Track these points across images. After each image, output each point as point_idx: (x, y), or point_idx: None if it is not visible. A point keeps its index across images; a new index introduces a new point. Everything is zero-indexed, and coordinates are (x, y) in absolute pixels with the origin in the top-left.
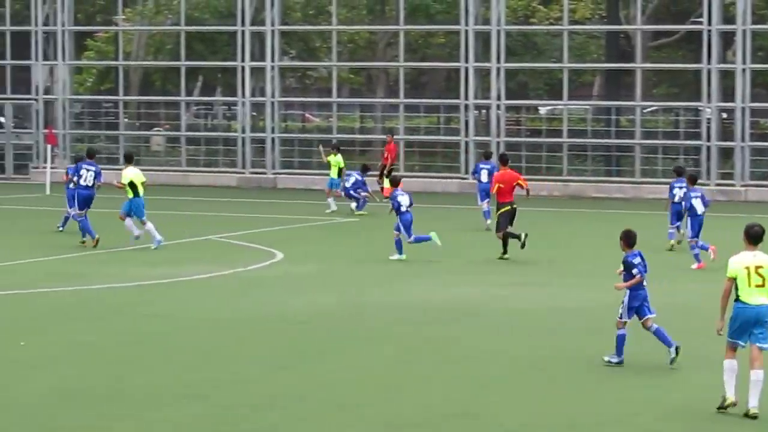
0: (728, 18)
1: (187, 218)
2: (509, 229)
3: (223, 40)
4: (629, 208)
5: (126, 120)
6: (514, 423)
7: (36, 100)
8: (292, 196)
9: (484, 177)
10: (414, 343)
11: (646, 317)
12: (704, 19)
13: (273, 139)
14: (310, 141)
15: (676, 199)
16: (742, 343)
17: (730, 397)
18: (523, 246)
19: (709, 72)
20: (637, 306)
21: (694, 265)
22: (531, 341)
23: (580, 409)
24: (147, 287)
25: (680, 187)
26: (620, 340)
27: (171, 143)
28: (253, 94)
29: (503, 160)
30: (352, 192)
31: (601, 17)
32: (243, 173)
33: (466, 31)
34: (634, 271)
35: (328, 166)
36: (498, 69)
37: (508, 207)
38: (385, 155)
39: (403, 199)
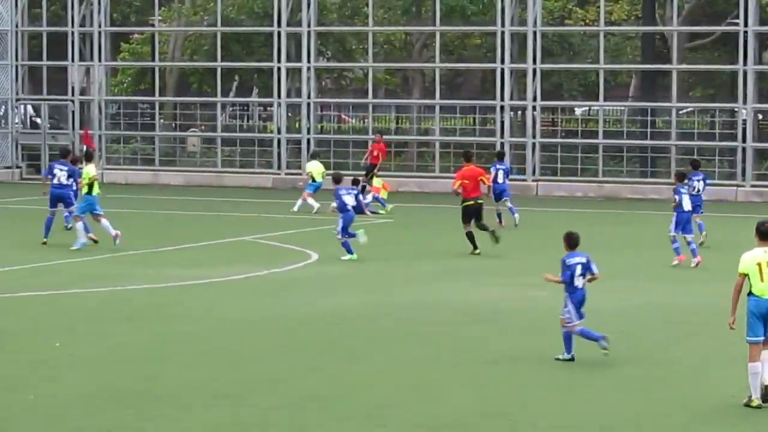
0: (764, 19)
1: (222, 219)
2: (480, 222)
3: (260, 40)
4: (664, 210)
5: (162, 121)
6: (546, 424)
7: (72, 101)
8: (327, 197)
9: (500, 178)
10: (446, 343)
11: (575, 323)
12: (740, 21)
13: (308, 140)
14: (345, 142)
15: (694, 192)
16: (762, 338)
17: (756, 399)
18: (497, 241)
19: (745, 73)
20: (577, 307)
21: (675, 260)
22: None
23: (612, 410)
24: (181, 288)
25: (698, 180)
26: (567, 339)
27: (207, 144)
28: (288, 95)
29: (467, 156)
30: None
31: (637, 18)
32: (278, 174)
33: (502, 32)
34: (561, 275)
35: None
36: (534, 70)
37: (473, 202)
38: (375, 154)
39: (348, 199)
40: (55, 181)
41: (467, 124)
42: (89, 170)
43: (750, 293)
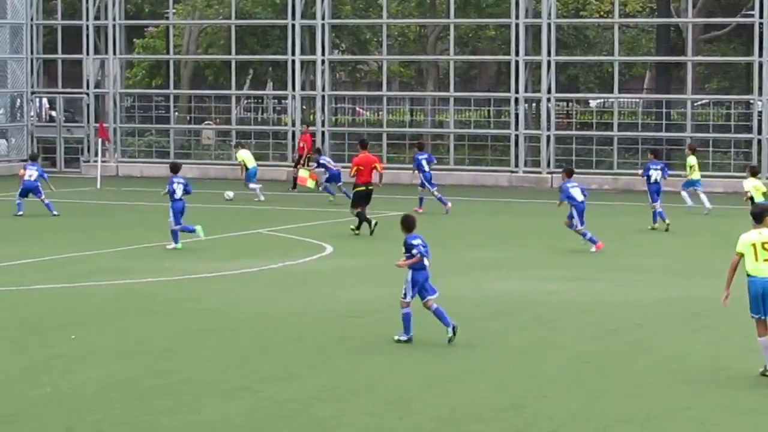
0: None
1: (237, 212)
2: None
3: (274, 33)
4: (680, 202)
5: (177, 114)
6: (563, 417)
7: (87, 94)
8: (340, 190)
9: (655, 177)
10: (461, 336)
11: (427, 298)
12: (755, 12)
13: (323, 133)
14: (360, 135)
15: (652, 180)
16: (763, 315)
17: None
18: (372, 233)
19: (760, 65)
20: (420, 285)
21: (593, 248)
22: (580, 336)
23: (628, 403)
24: (197, 281)
25: (655, 169)
26: (406, 319)
27: (221, 137)
28: (303, 88)
29: (363, 144)
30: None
31: (651, 10)
32: (293, 167)
33: (517, 25)
34: (414, 251)
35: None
36: (549, 62)
37: (364, 188)
38: (301, 145)
39: (178, 188)
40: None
41: (482, 117)
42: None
43: (747, 274)
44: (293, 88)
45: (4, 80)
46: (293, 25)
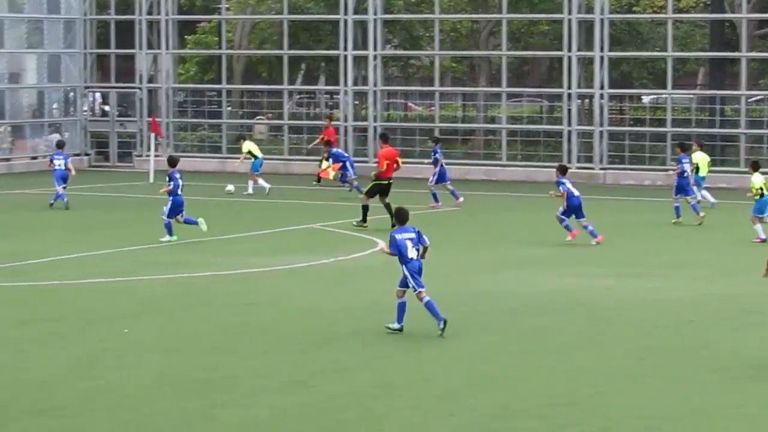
0: None
1: (288, 207)
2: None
3: (327, 28)
4: (733, 198)
5: (229, 109)
6: (616, 413)
7: (140, 88)
8: (393, 185)
9: (686, 171)
10: (513, 332)
11: (419, 290)
12: None
13: (375, 128)
14: (412, 130)
15: (686, 174)
16: None
17: None
18: (357, 226)
19: None
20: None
21: (568, 237)
22: (633, 332)
23: (681, 400)
24: (248, 275)
25: (686, 162)
26: (400, 309)
27: (274, 132)
28: (355, 83)
29: (385, 138)
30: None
31: (705, 6)
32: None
33: (569, 20)
34: (390, 248)
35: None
36: (601, 58)
37: (387, 182)
38: (323, 138)
39: (177, 182)
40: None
41: (534, 112)
42: None
43: None
44: (345, 84)
45: (57, 75)
46: (345, 21)
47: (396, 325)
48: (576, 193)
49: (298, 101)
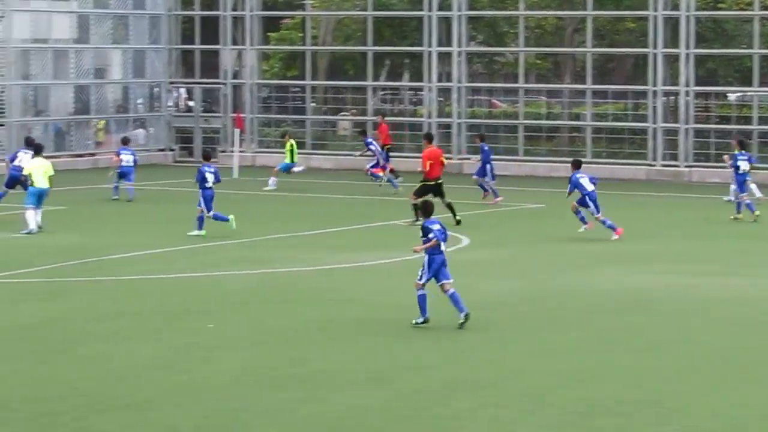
0: None
1: (374, 203)
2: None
3: (411, 25)
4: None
5: (313, 105)
6: (702, 411)
7: (224, 84)
8: (479, 181)
9: (745, 167)
10: (599, 330)
11: (442, 282)
12: None
13: (459, 125)
14: (496, 127)
15: (740, 170)
16: None
17: None
18: (458, 223)
19: None
20: (436, 269)
21: (582, 228)
22: (721, 330)
23: None
24: (332, 271)
25: (742, 159)
26: (421, 300)
27: (358, 128)
28: (439, 80)
29: (429, 137)
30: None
31: None
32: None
33: (655, 17)
34: (431, 235)
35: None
36: (687, 55)
37: (434, 182)
38: (378, 137)
39: (210, 176)
40: (16, 163)
41: (619, 110)
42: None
43: None
44: (429, 80)
45: (142, 70)
46: (430, 17)
47: (420, 318)
48: (589, 189)
49: (382, 97)
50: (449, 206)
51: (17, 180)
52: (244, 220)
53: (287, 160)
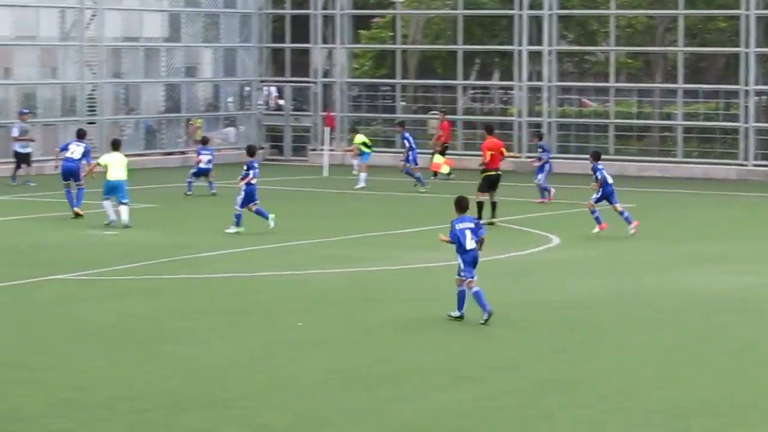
0: None
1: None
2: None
3: (501, 24)
4: None
5: (403, 104)
6: None
7: (314, 83)
8: (569, 181)
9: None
10: (690, 330)
11: (468, 279)
12: None
13: (549, 124)
14: (587, 126)
15: None
16: None
17: None
18: (490, 224)
19: None
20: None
21: (595, 229)
22: None
23: None
24: (421, 270)
25: None
26: (460, 296)
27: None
28: (529, 79)
29: (489, 129)
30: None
31: None
32: (519, 157)
33: (747, 16)
34: (449, 236)
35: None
36: None
37: (494, 173)
38: (440, 134)
39: (256, 172)
40: (68, 154)
41: (710, 109)
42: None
43: None
44: (520, 79)
45: (233, 69)
46: (520, 16)
47: (456, 313)
48: (610, 180)
49: (472, 96)
50: (493, 205)
51: (71, 172)
52: (331, 218)
53: (363, 152)
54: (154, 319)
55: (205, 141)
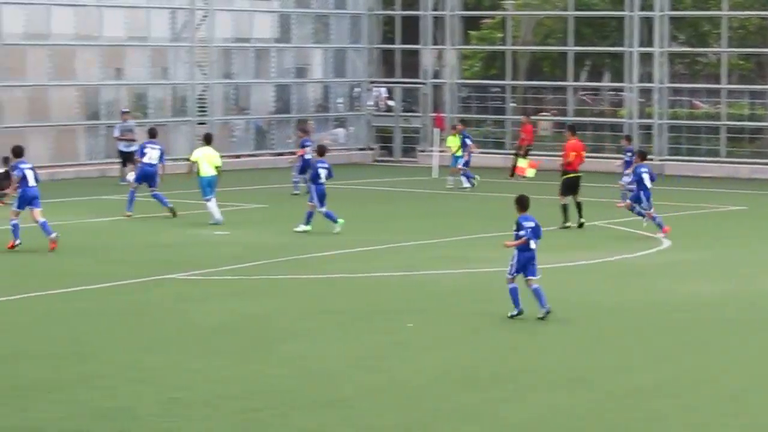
0: None
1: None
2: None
3: (612, 25)
4: None
5: (513, 105)
6: None
7: (424, 84)
8: (679, 183)
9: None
10: None
11: (529, 278)
12: None
13: (660, 126)
14: (698, 128)
15: None
16: None
17: None
18: (580, 225)
19: None
20: (523, 265)
21: (659, 234)
22: None
23: None
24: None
25: None
26: (513, 294)
27: (558, 128)
28: (640, 80)
29: (573, 130)
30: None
31: None
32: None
33: None
34: (521, 233)
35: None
36: None
37: (574, 175)
38: (523, 137)
39: (323, 171)
40: (146, 159)
41: None
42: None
43: None
44: (630, 80)
45: (343, 70)
46: (631, 17)
47: (515, 311)
48: (649, 185)
49: (582, 98)
50: (578, 205)
51: (149, 175)
52: (442, 218)
53: (458, 153)
54: (266, 319)
55: (306, 130)
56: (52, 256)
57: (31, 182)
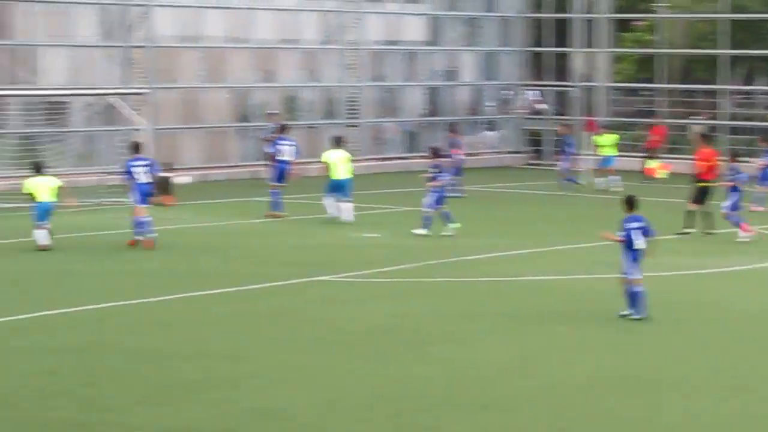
0: None
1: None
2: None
3: (766, 28)
4: None
5: (664, 109)
6: None
7: (575, 87)
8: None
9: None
10: None
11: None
12: None
13: None
14: None
15: None
16: None
17: None
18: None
19: None
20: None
21: (743, 234)
22: None
23: None
24: (680, 278)
25: None
26: (631, 297)
27: (711, 133)
28: None
29: (707, 138)
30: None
31: None
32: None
33: None
34: (621, 233)
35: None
36: None
37: (707, 184)
38: (654, 138)
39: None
40: (281, 157)
41: None
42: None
43: None
44: None
45: (493, 72)
46: None
47: (636, 315)
48: (741, 187)
49: (735, 101)
50: (706, 215)
51: (286, 172)
52: (596, 224)
53: (609, 153)
54: (420, 321)
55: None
56: (203, 258)
57: (143, 179)
